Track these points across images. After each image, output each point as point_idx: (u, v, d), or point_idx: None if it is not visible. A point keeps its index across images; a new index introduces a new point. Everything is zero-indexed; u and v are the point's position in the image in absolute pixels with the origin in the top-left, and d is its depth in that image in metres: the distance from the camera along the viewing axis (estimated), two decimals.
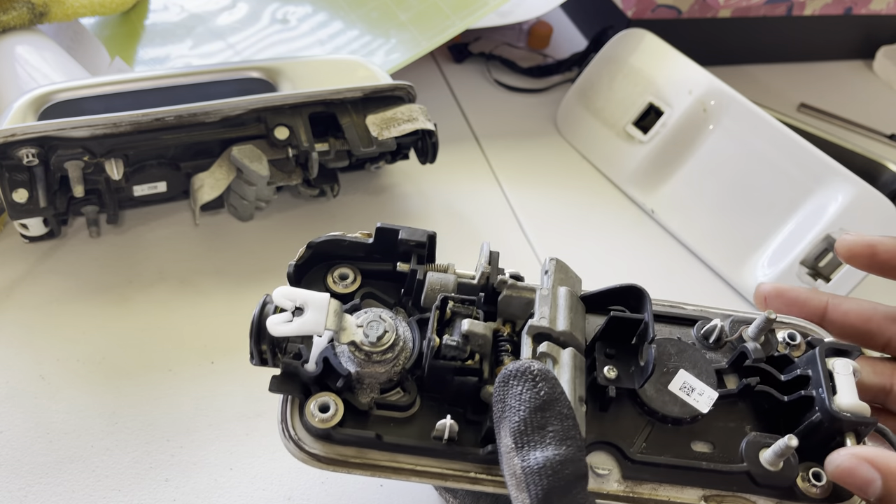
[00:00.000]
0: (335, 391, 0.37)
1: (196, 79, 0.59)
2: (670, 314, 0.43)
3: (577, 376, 0.36)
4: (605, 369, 0.38)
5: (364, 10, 0.75)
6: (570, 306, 0.38)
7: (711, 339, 0.42)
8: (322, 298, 0.36)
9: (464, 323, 0.37)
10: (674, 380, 0.39)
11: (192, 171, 0.58)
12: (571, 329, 0.37)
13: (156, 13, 0.75)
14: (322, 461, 0.37)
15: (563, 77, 0.83)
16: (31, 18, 0.64)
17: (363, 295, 0.42)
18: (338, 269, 0.43)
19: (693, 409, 0.38)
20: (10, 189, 0.51)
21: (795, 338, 0.42)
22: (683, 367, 0.39)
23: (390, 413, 0.38)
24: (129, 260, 0.59)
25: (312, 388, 0.38)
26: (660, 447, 0.38)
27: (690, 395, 0.38)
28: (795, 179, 0.64)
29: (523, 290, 0.39)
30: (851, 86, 0.92)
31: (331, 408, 0.37)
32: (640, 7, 0.79)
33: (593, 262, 0.66)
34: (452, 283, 0.40)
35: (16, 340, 0.53)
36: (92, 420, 0.49)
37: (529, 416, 0.32)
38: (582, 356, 0.37)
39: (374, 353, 0.37)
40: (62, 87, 0.56)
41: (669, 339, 0.40)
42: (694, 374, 0.39)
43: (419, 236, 0.41)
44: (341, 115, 0.58)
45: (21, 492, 0.45)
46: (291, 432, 0.37)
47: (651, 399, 0.38)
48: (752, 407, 0.40)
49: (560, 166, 0.74)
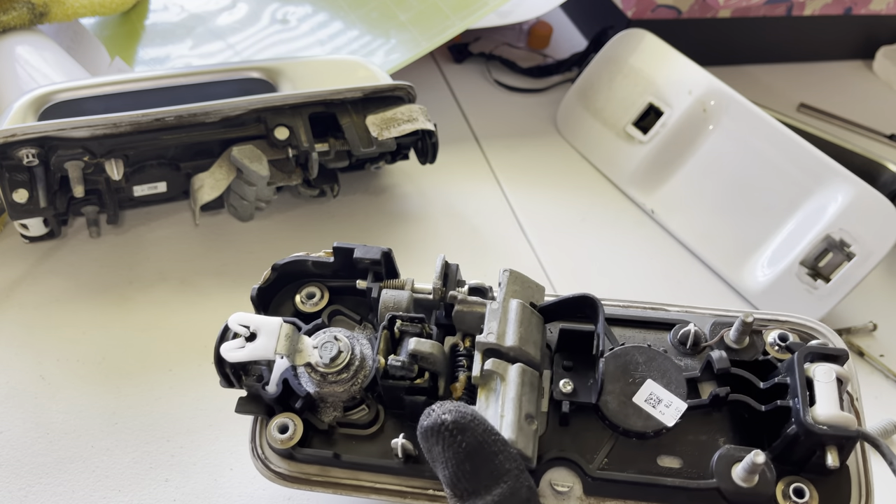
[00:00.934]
0: (296, 411, 0.38)
1: (196, 79, 0.59)
2: (646, 318, 0.41)
3: (524, 393, 0.35)
4: (560, 383, 0.37)
5: (364, 11, 0.75)
6: (520, 320, 0.37)
7: (688, 345, 0.40)
8: (273, 324, 0.37)
9: (410, 342, 0.37)
10: (640, 391, 0.37)
11: (192, 171, 0.58)
12: (520, 344, 0.36)
13: (156, 13, 0.75)
14: (287, 479, 0.38)
15: (563, 77, 0.83)
16: (31, 18, 0.64)
17: (331, 313, 0.42)
18: (305, 289, 0.43)
19: (658, 422, 0.36)
20: (10, 189, 0.51)
21: (787, 338, 0.39)
22: (651, 377, 0.37)
23: (353, 431, 0.39)
24: (129, 260, 0.59)
25: (276, 408, 0.38)
26: (623, 462, 0.37)
27: (656, 406, 0.36)
28: (795, 179, 0.64)
29: (474, 304, 0.38)
30: (851, 86, 0.92)
31: (289, 429, 0.38)
32: (640, 7, 0.79)
33: (593, 262, 0.66)
34: (406, 300, 0.40)
35: (16, 340, 0.53)
36: (92, 420, 0.49)
37: (458, 469, 0.31)
38: (535, 371, 0.36)
39: (328, 374, 0.37)
40: (62, 88, 0.56)
41: (638, 348, 0.38)
42: (662, 384, 0.37)
43: (373, 254, 0.40)
44: (341, 115, 0.58)
45: (21, 492, 0.45)
46: (259, 451, 0.39)
47: (613, 413, 0.36)
48: (730, 417, 0.38)
49: (560, 166, 0.74)
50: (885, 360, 0.63)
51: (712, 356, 0.38)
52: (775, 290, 0.63)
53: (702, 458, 0.36)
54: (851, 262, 0.60)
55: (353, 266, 0.42)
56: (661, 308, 0.42)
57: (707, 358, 0.38)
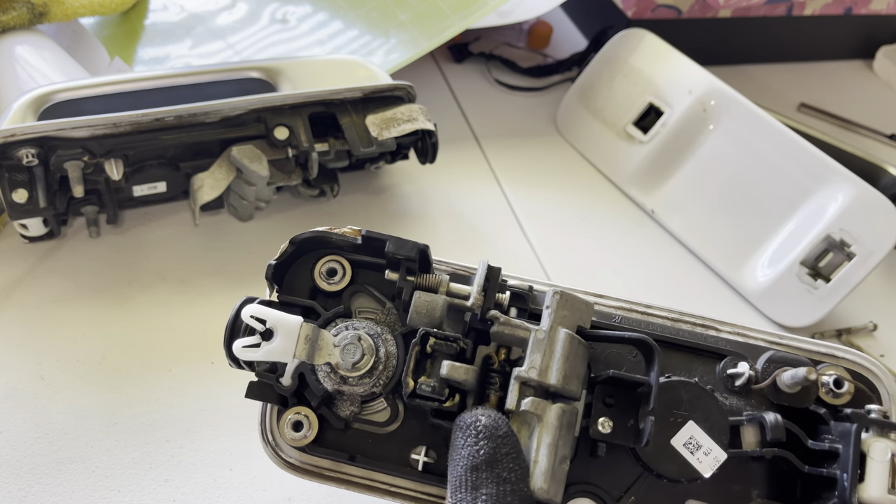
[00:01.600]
0: (311, 407, 0.36)
1: (196, 79, 0.59)
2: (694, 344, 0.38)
3: (562, 437, 0.33)
4: (599, 421, 0.34)
5: (364, 10, 0.75)
6: (566, 355, 0.34)
7: (738, 384, 0.37)
8: (292, 324, 0.34)
9: (444, 366, 0.34)
10: (679, 432, 0.35)
11: (192, 171, 0.58)
12: (564, 382, 0.33)
13: (155, 13, 0.75)
14: (298, 471, 0.36)
15: (563, 77, 0.83)
16: (30, 18, 0.64)
17: (353, 292, 0.39)
18: (326, 264, 0.39)
19: (693, 470, 0.34)
20: (9, 189, 0.51)
21: (842, 385, 0.36)
22: (694, 419, 0.35)
23: (371, 427, 0.37)
24: (128, 260, 0.59)
25: (290, 399, 0.36)
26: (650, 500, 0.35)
27: (695, 453, 0.34)
28: (795, 179, 0.64)
29: (517, 328, 0.35)
30: (851, 86, 0.92)
31: (303, 427, 0.36)
32: (640, 7, 0.79)
33: (593, 262, 0.66)
34: (440, 308, 0.36)
35: (16, 340, 0.53)
36: (92, 420, 0.49)
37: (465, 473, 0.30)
38: (574, 408, 0.34)
39: (350, 378, 0.35)
40: (62, 88, 0.56)
41: (684, 384, 0.36)
42: (704, 429, 0.35)
43: (407, 250, 0.36)
44: (341, 115, 0.58)
45: (21, 492, 0.45)
46: (269, 438, 0.37)
47: (648, 455, 0.35)
48: (769, 467, 0.36)
49: (560, 166, 0.74)
50: (885, 360, 0.63)
51: (766, 420, 0.35)
52: (775, 290, 0.63)
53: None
54: (852, 262, 0.60)
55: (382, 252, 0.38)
56: (713, 327, 0.39)
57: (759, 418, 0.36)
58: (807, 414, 0.36)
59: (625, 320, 0.38)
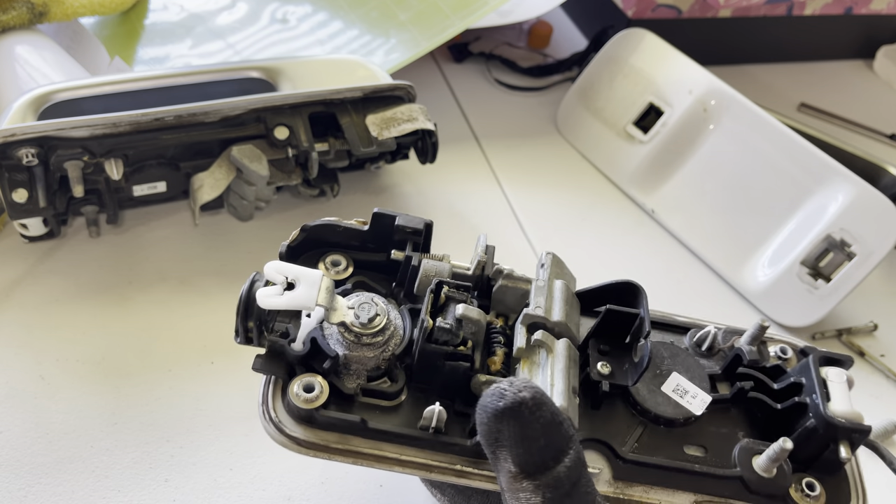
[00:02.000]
0: (321, 373, 0.36)
1: (196, 79, 0.59)
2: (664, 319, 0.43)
3: (571, 367, 0.36)
4: (598, 365, 0.38)
5: (364, 10, 0.75)
6: (565, 298, 0.38)
7: (704, 347, 0.41)
8: (314, 274, 0.36)
9: (458, 307, 0.36)
10: (667, 381, 0.39)
11: (192, 171, 0.58)
12: (567, 320, 0.37)
13: (155, 13, 0.75)
14: (303, 445, 0.35)
15: (564, 77, 0.83)
16: (30, 18, 0.64)
17: (355, 283, 0.41)
18: (330, 256, 0.42)
19: (686, 410, 0.38)
20: (9, 189, 0.51)
21: (787, 351, 0.42)
22: (676, 370, 0.39)
23: (376, 401, 0.37)
24: (129, 260, 0.58)
25: (297, 368, 0.36)
26: (652, 448, 0.38)
27: (684, 397, 0.38)
28: (796, 179, 0.64)
29: (519, 280, 0.39)
30: (852, 85, 0.92)
31: (315, 388, 0.35)
32: (640, 7, 0.79)
33: (593, 261, 0.65)
34: (447, 270, 0.40)
35: (16, 340, 0.52)
36: (92, 420, 0.49)
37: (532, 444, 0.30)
38: (576, 349, 0.37)
39: (364, 336, 0.36)
40: (62, 87, 0.56)
41: (662, 343, 0.41)
42: (687, 378, 0.39)
43: (416, 223, 0.41)
44: (341, 114, 0.58)
45: (21, 492, 0.45)
46: (272, 414, 0.36)
47: (644, 399, 0.38)
48: (745, 414, 0.40)
49: (560, 166, 0.74)
50: (885, 359, 0.63)
51: (742, 350, 0.40)
52: (776, 289, 0.63)
53: (724, 450, 0.38)
54: (852, 262, 0.60)
55: (385, 238, 0.41)
56: (669, 317, 0.43)
57: (736, 352, 0.40)
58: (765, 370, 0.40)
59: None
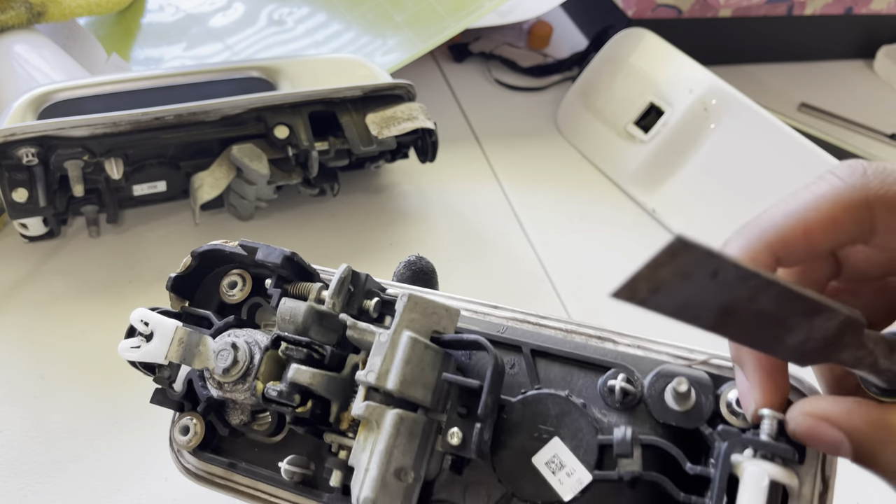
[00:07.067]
0: (200, 413, 0.38)
1: (195, 78, 0.59)
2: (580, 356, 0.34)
3: (398, 444, 0.31)
4: (450, 432, 0.32)
5: (360, 12, 0.75)
6: (407, 359, 0.31)
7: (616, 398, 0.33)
8: (168, 326, 0.36)
9: (290, 369, 0.33)
10: (543, 450, 0.32)
11: (192, 170, 0.58)
12: (402, 387, 0.31)
13: (151, 13, 0.75)
14: (195, 476, 0.38)
15: (564, 77, 0.83)
16: (28, 18, 0.64)
17: (252, 306, 0.40)
18: (228, 277, 0.40)
19: (552, 493, 0.31)
20: (9, 189, 0.51)
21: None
22: (560, 435, 0.32)
23: (258, 437, 0.38)
24: (129, 260, 0.58)
25: (185, 405, 0.38)
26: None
27: (557, 473, 0.32)
28: (796, 179, 0.63)
29: (364, 332, 0.34)
30: (852, 85, 0.92)
31: (189, 431, 0.37)
32: (640, 6, 0.79)
33: (594, 261, 0.65)
34: (303, 314, 0.35)
35: (16, 340, 0.52)
36: (92, 420, 0.49)
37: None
38: (420, 416, 0.32)
39: (224, 384, 0.35)
40: (61, 87, 0.56)
41: (553, 397, 0.33)
42: (570, 447, 0.32)
43: (274, 257, 0.36)
44: (341, 113, 0.58)
45: (21, 492, 0.45)
46: (173, 444, 0.39)
47: (505, 472, 0.32)
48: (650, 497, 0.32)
49: (560, 166, 0.74)
50: None
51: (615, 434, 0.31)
52: None
53: None
54: None
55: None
56: (610, 339, 0.35)
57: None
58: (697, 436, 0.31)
59: (511, 331, 0.36)
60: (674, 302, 0.22)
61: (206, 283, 0.40)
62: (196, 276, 0.40)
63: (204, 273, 0.40)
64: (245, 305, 0.40)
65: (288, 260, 0.36)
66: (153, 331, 0.36)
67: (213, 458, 0.37)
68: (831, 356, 0.25)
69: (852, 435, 0.26)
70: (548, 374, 0.35)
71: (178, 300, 0.39)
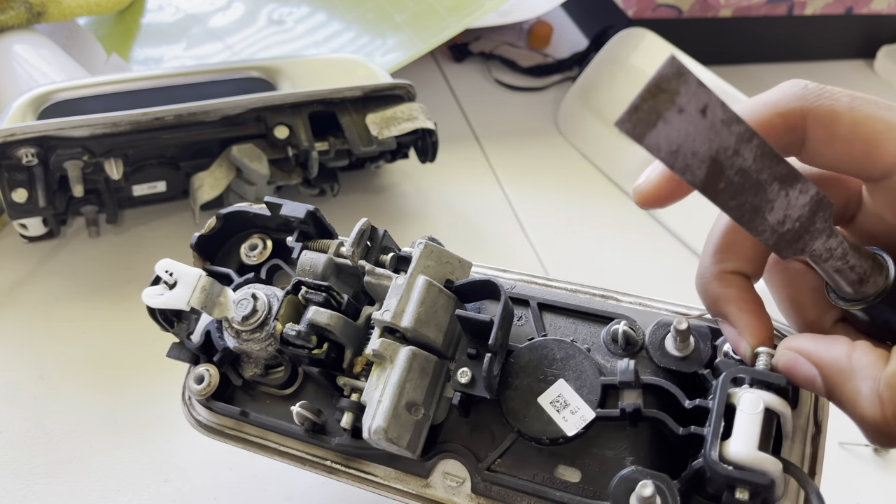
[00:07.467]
0: (216, 364, 0.38)
1: (195, 78, 0.59)
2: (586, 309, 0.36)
3: (411, 379, 0.32)
4: (459, 372, 0.33)
5: (360, 12, 0.75)
6: (422, 300, 0.33)
7: (619, 345, 0.35)
8: (192, 274, 0.36)
9: (309, 311, 0.34)
10: (548, 390, 0.33)
11: (192, 170, 0.58)
12: (417, 326, 0.32)
13: (151, 13, 0.75)
14: (204, 427, 0.38)
15: (564, 76, 0.83)
16: (28, 18, 0.64)
17: (270, 267, 0.41)
18: (249, 240, 0.41)
19: (557, 429, 0.32)
20: (9, 189, 0.51)
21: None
22: (565, 377, 0.33)
23: (270, 390, 0.39)
24: (128, 260, 0.58)
25: (201, 357, 0.39)
26: (518, 465, 0.33)
27: (561, 411, 0.33)
28: None
29: (382, 277, 0.35)
30: (852, 85, 0.92)
31: (204, 380, 0.38)
32: (640, 6, 0.79)
33: (594, 261, 0.65)
34: (323, 264, 0.37)
35: (15, 340, 0.52)
36: (92, 420, 0.49)
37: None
38: (430, 355, 0.33)
39: (242, 332, 0.37)
40: (61, 87, 0.56)
41: (558, 342, 0.34)
42: (574, 387, 0.33)
43: (298, 212, 0.38)
44: (341, 114, 0.58)
45: (20, 492, 0.45)
46: (186, 397, 0.39)
47: (511, 411, 0.33)
48: (650, 435, 0.33)
49: (560, 166, 0.74)
50: None
51: (619, 365, 0.33)
52: None
53: (603, 476, 0.32)
54: None
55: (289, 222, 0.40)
56: (612, 297, 0.37)
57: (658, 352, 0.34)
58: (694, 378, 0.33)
59: (520, 288, 0.38)
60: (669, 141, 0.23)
61: (226, 248, 0.42)
62: (219, 239, 0.41)
63: (226, 236, 0.42)
64: (264, 268, 0.41)
65: (311, 214, 0.38)
66: (177, 279, 0.36)
67: (224, 406, 0.38)
68: (806, 245, 0.27)
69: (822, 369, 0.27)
70: (554, 324, 0.36)
71: (200, 259, 0.41)
